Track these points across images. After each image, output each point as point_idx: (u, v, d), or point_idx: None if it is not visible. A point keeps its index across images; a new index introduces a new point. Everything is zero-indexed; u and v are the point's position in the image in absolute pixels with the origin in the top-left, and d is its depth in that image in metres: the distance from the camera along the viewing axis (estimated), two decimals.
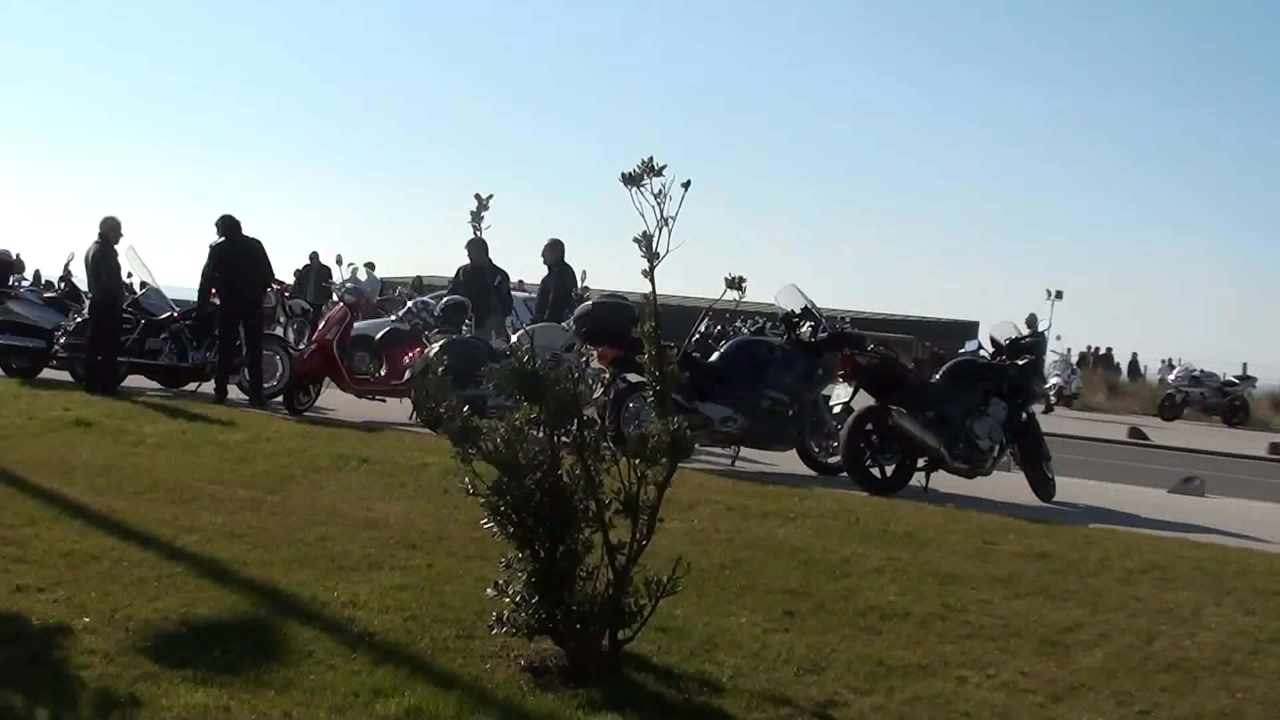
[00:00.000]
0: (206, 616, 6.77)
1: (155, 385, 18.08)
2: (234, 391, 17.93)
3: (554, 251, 18.21)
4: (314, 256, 32.87)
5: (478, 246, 18.26)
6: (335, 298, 18.50)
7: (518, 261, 18.44)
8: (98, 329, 17.25)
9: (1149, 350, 54.13)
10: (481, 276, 18.26)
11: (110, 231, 17.48)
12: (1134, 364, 52.10)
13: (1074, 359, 43.65)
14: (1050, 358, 40.26)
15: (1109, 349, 55.64)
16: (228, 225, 17.55)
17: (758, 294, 15.98)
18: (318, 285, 31.49)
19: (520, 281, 25.91)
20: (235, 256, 17.40)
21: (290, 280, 32.49)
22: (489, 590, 6.40)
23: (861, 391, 13.80)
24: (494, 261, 18.64)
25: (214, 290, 17.66)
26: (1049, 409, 31.59)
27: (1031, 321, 16.82)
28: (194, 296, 18.23)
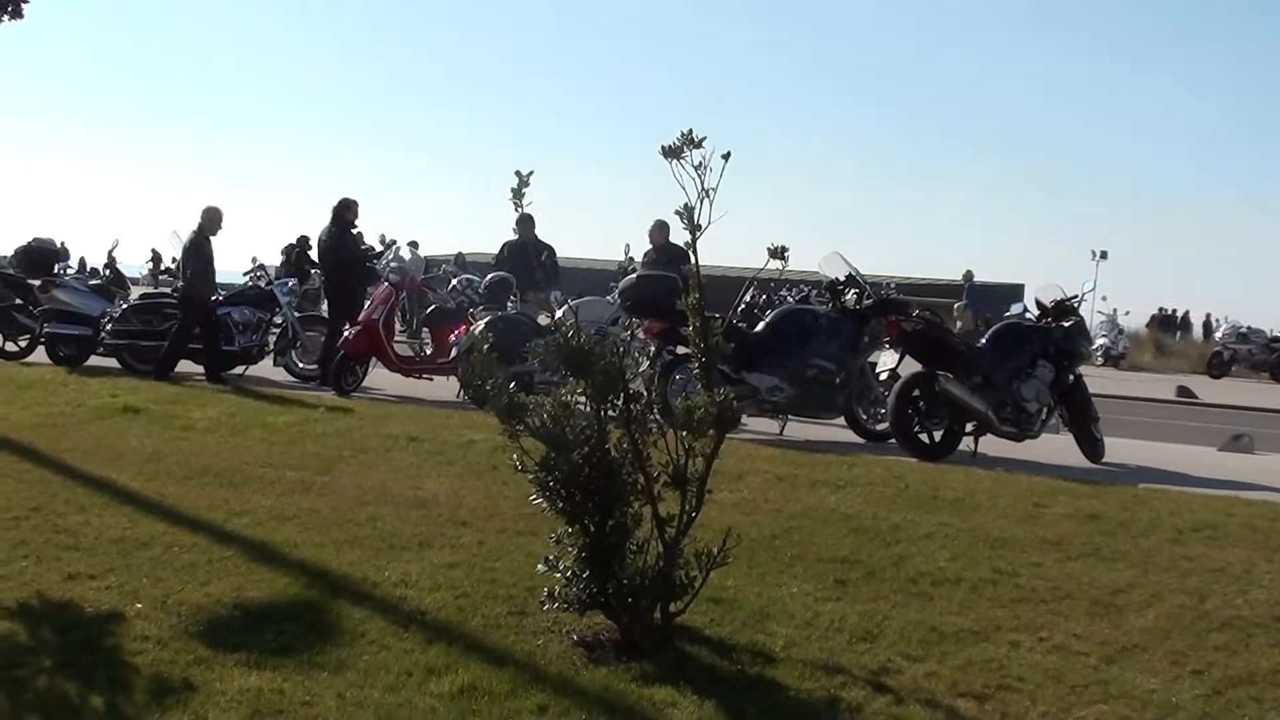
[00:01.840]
0: (258, 600, 6.79)
1: (201, 370, 18.19)
2: (280, 374, 18.04)
3: (661, 233, 18.00)
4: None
5: (526, 222, 18.24)
6: (380, 277, 18.52)
7: (562, 240, 18.40)
8: (189, 322, 17.37)
9: (1201, 309, 53.65)
10: (526, 251, 18.23)
11: (208, 222, 17.54)
12: (1207, 325, 51.40)
13: (1125, 321, 43.26)
14: (1097, 318, 40.09)
15: (1185, 311, 54.90)
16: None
17: (801, 262, 15.95)
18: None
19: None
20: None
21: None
22: (539, 566, 6.40)
23: (908, 358, 13.76)
24: (539, 237, 18.62)
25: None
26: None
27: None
28: (237, 281, 18.33)
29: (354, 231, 19.17)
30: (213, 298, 17.75)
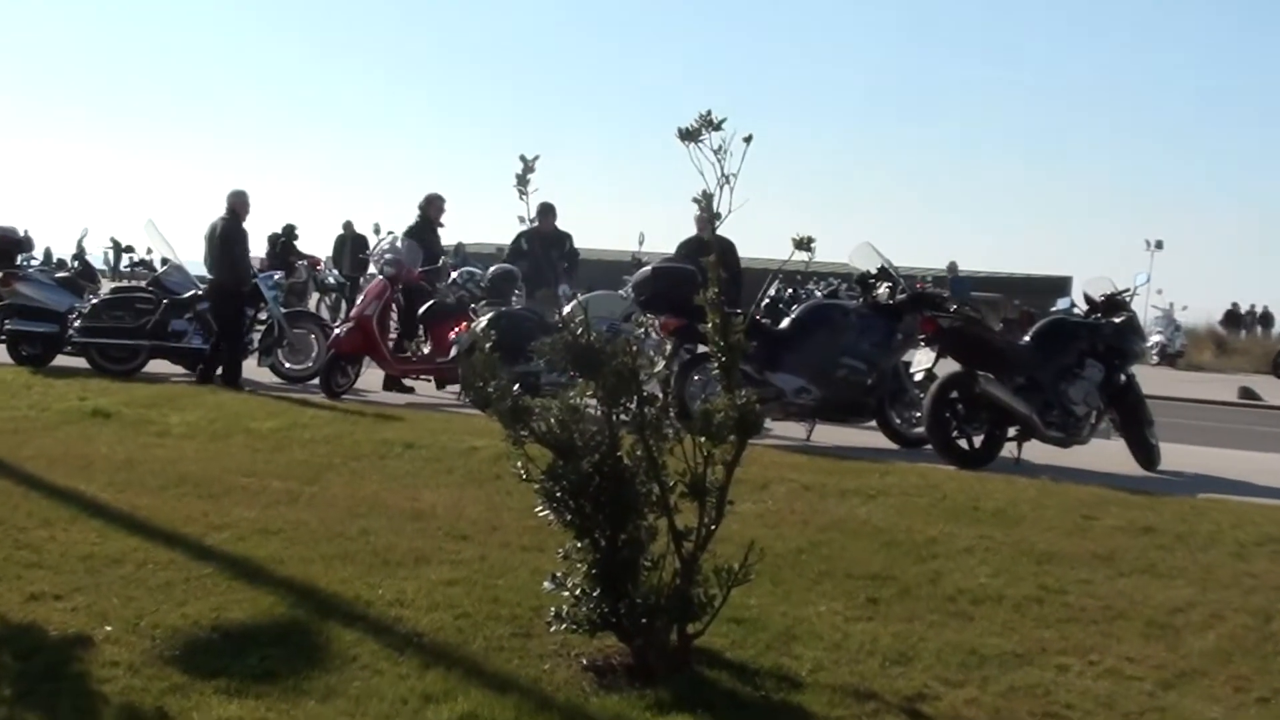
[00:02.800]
0: (240, 621, 6.78)
1: (180, 370, 18.19)
2: (265, 374, 18.05)
3: (710, 224, 17.87)
4: (348, 226, 32.95)
5: (547, 212, 18.23)
6: (374, 269, 18.52)
7: (571, 229, 18.18)
8: (223, 317, 17.41)
9: (1266, 304, 53.16)
10: (546, 243, 18.17)
11: (240, 206, 17.58)
12: (1265, 317, 51.09)
13: (1183, 316, 43.10)
14: (1152, 313, 40.01)
15: (1263, 308, 54.03)
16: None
17: (830, 254, 15.96)
18: (354, 257, 31.59)
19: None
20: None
21: (325, 253, 32.63)
22: (546, 584, 6.39)
23: (945, 357, 13.74)
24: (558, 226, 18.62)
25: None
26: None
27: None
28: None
29: (439, 230, 19.21)
30: (245, 290, 17.81)
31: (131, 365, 17.87)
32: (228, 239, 17.31)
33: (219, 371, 17.27)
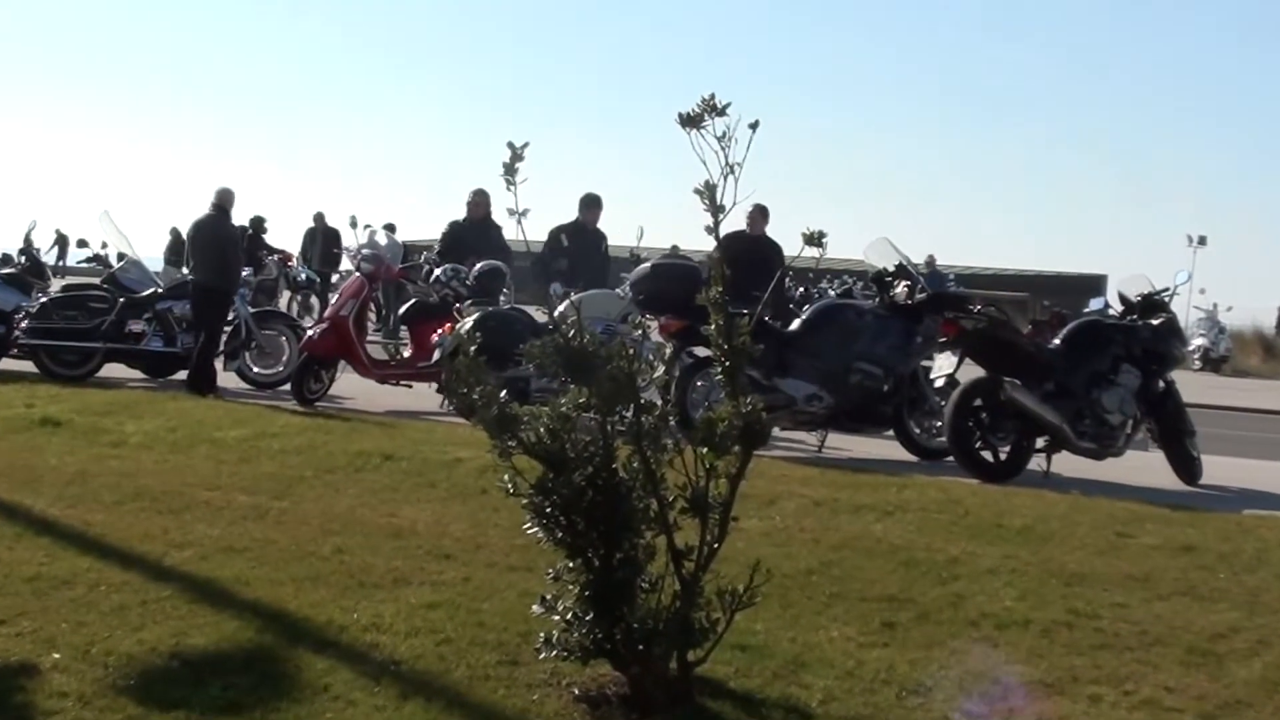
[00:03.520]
0: (202, 647, 6.76)
1: (137, 375, 18.18)
2: (232, 379, 18.05)
3: (764, 219, 17.69)
4: (319, 218, 32.95)
5: (592, 205, 18.17)
6: (351, 266, 18.53)
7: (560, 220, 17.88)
8: (208, 321, 17.43)
9: None
10: (587, 241, 18.07)
11: (227, 203, 17.62)
12: None
13: (1229, 318, 43.01)
14: (1194, 314, 40.00)
15: None
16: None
17: (843, 250, 15.96)
18: (325, 252, 31.59)
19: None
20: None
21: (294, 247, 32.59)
22: (535, 607, 6.39)
23: (968, 361, 13.76)
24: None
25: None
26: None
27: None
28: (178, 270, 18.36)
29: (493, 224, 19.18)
30: (235, 293, 17.84)
31: (84, 369, 17.86)
32: (221, 238, 17.36)
33: (205, 373, 17.28)
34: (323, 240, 32.12)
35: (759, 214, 17.47)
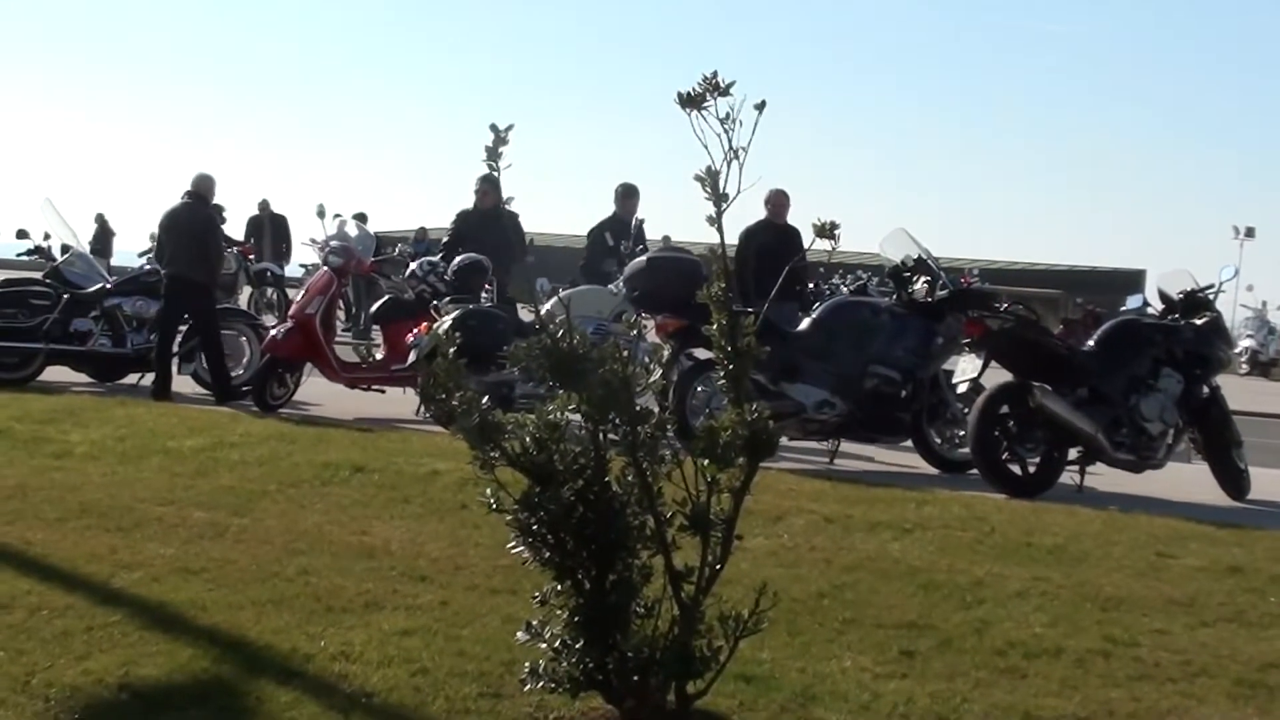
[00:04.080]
0: (153, 678, 6.74)
1: (83, 379, 18.16)
2: (188, 384, 18.03)
3: (789, 204, 17.52)
4: (264, 206, 32.66)
5: (632, 195, 18.11)
6: (318, 259, 18.52)
7: (551, 211, 17.90)
8: (198, 321, 17.47)
9: None
10: (629, 235, 18.03)
11: (209, 191, 17.64)
12: None
13: (1277, 318, 43.10)
14: (1241, 313, 40.04)
15: None
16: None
17: (858, 242, 15.95)
18: (275, 246, 31.44)
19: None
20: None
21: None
22: (520, 634, 6.39)
23: (994, 365, 13.76)
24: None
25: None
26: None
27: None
28: (131, 263, 18.35)
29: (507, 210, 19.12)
30: (216, 287, 17.90)
31: (25, 372, 17.80)
32: (200, 227, 17.35)
33: (222, 379, 17.33)
34: (272, 231, 31.83)
35: (784, 199, 17.41)
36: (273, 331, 17.45)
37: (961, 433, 14.18)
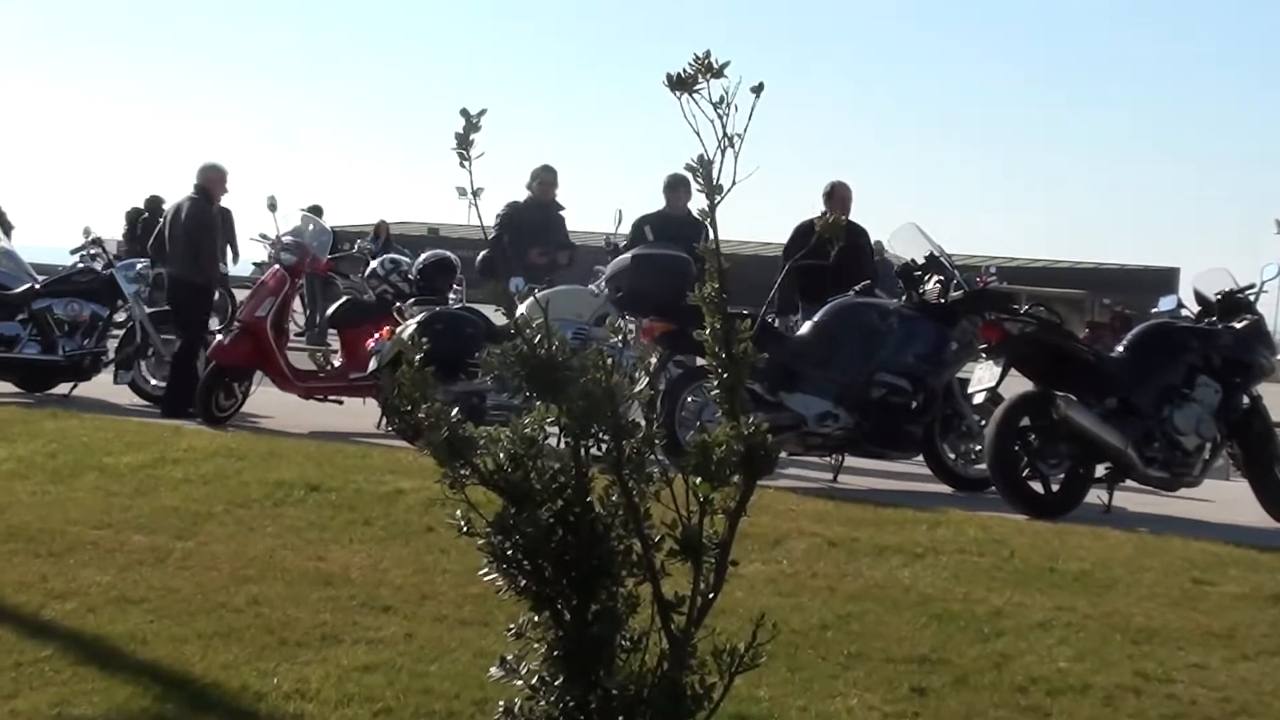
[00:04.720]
0: (89, 718, 6.76)
1: (9, 389, 18.14)
2: (124, 394, 18.01)
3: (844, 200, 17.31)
4: (154, 202, 32.34)
5: (681, 185, 17.98)
6: (269, 257, 18.52)
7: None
8: (185, 324, 17.48)
9: None
10: (679, 232, 17.94)
11: (211, 185, 17.68)
12: None
13: None
14: None
15: None
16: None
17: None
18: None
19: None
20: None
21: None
22: (493, 670, 6.37)
23: (1013, 373, 13.77)
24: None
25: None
26: None
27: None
28: (60, 261, 18.36)
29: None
30: (214, 289, 17.97)
31: None
32: (192, 223, 17.37)
33: (182, 390, 17.29)
34: (144, 231, 31.42)
35: (847, 191, 17.30)
36: (219, 337, 17.43)
37: (978, 447, 14.19)
